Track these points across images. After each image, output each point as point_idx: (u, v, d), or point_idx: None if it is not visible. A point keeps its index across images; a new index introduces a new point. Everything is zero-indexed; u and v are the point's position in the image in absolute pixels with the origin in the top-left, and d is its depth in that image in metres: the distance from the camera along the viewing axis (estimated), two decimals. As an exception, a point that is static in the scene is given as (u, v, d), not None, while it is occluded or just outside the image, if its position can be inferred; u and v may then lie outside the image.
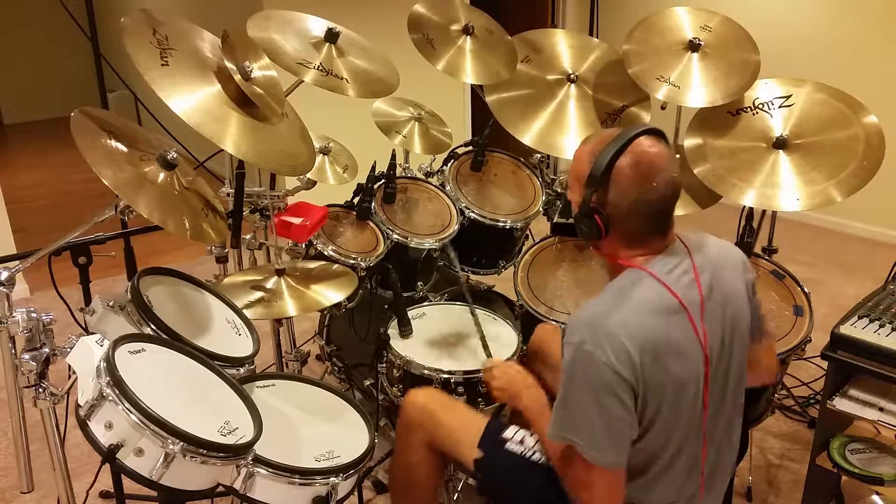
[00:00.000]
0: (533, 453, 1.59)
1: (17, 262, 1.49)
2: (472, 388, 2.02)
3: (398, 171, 2.52)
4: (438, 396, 1.77)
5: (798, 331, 2.05)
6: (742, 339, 1.44)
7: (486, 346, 1.93)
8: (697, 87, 2.35)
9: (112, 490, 2.19)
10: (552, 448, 1.47)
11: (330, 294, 2.00)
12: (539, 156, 2.68)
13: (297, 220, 1.94)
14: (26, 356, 1.43)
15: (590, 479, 1.34)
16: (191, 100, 1.59)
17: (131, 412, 1.24)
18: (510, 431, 1.64)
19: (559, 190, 2.67)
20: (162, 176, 1.60)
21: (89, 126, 1.54)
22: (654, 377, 1.29)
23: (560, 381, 1.35)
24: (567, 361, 1.31)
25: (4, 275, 1.42)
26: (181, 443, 1.25)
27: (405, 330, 2.14)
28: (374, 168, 2.41)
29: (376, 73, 2.23)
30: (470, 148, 2.68)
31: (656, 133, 1.36)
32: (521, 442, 1.61)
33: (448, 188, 2.54)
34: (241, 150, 1.63)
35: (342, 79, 2.08)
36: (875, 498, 2.16)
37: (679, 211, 1.62)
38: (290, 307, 1.93)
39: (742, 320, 1.43)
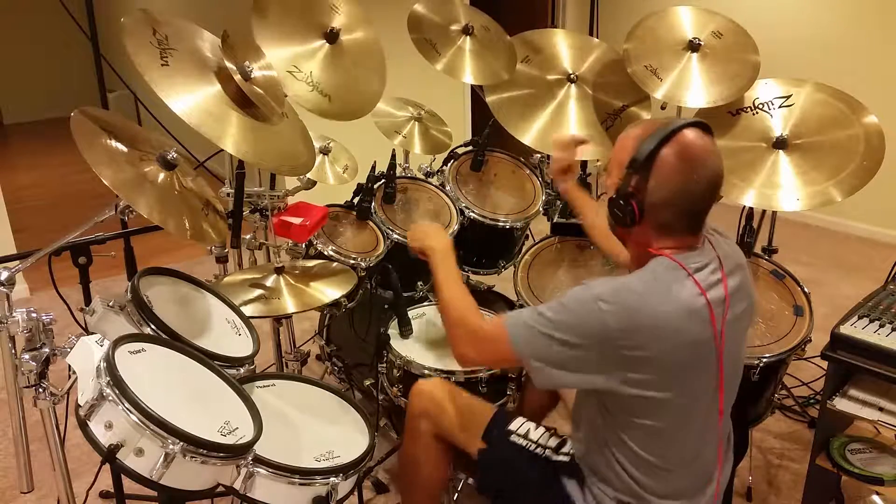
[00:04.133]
0: (536, 447, 1.60)
1: (17, 262, 1.49)
2: (472, 388, 2.02)
3: (398, 171, 2.52)
4: (447, 386, 1.77)
5: (798, 331, 2.05)
6: (743, 342, 1.47)
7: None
8: (697, 88, 2.35)
9: (112, 490, 2.19)
10: (465, 310, 1.50)
11: (329, 291, 2.00)
12: (539, 156, 2.68)
13: (296, 220, 1.94)
14: (26, 356, 1.43)
15: (492, 348, 1.43)
16: (191, 100, 1.59)
17: (131, 412, 1.24)
18: (516, 424, 1.65)
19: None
20: (162, 176, 1.60)
21: (89, 126, 1.54)
22: (671, 362, 1.29)
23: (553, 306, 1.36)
24: (574, 296, 1.32)
25: (4, 275, 1.42)
26: (181, 443, 1.25)
27: (405, 330, 2.14)
28: (374, 168, 2.41)
29: (358, 90, 2.19)
30: (470, 148, 2.68)
31: (703, 127, 1.34)
32: (526, 435, 1.62)
33: (448, 188, 2.54)
34: (241, 150, 1.63)
35: (318, 91, 2.05)
36: (875, 498, 2.16)
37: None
38: (289, 305, 1.93)
39: (748, 324, 1.46)
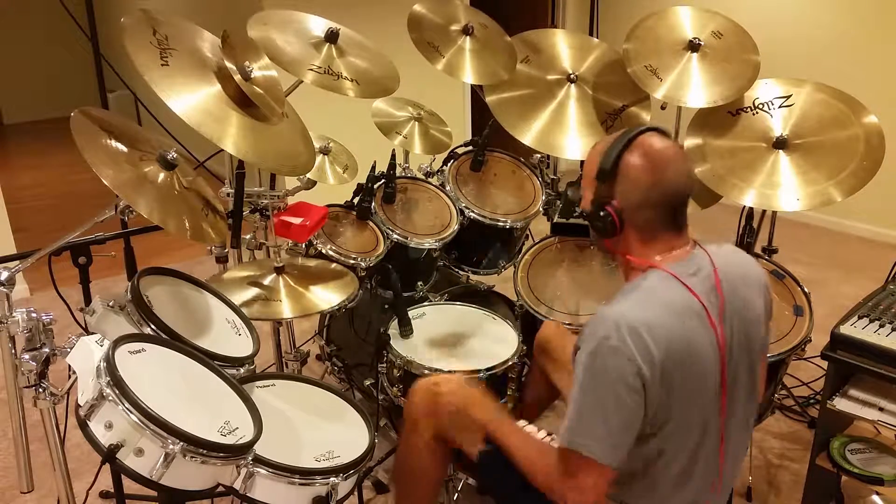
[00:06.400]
0: None
1: (17, 262, 1.49)
2: (472, 388, 2.02)
3: (398, 171, 2.52)
4: (446, 385, 1.74)
5: (798, 331, 2.05)
6: (752, 357, 1.44)
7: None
8: (697, 88, 2.35)
9: (112, 490, 2.19)
10: (536, 457, 1.46)
11: (328, 296, 2.00)
12: (539, 156, 2.68)
13: (296, 220, 1.94)
14: (26, 356, 1.43)
15: (587, 480, 1.32)
16: (191, 100, 1.59)
17: (131, 412, 1.24)
18: (518, 425, 1.64)
19: (560, 190, 2.67)
20: (162, 176, 1.60)
21: (89, 126, 1.54)
22: (674, 378, 1.29)
23: (573, 380, 1.33)
24: (587, 355, 1.29)
25: (4, 275, 1.42)
26: (181, 443, 1.25)
27: (405, 330, 2.14)
28: (374, 168, 2.41)
29: (376, 73, 2.23)
30: (470, 148, 2.68)
31: (659, 131, 1.40)
32: None
33: (448, 188, 2.54)
34: (241, 150, 1.63)
35: (343, 78, 2.08)
36: (875, 498, 2.16)
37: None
38: (287, 309, 1.91)
39: (756, 340, 1.43)
